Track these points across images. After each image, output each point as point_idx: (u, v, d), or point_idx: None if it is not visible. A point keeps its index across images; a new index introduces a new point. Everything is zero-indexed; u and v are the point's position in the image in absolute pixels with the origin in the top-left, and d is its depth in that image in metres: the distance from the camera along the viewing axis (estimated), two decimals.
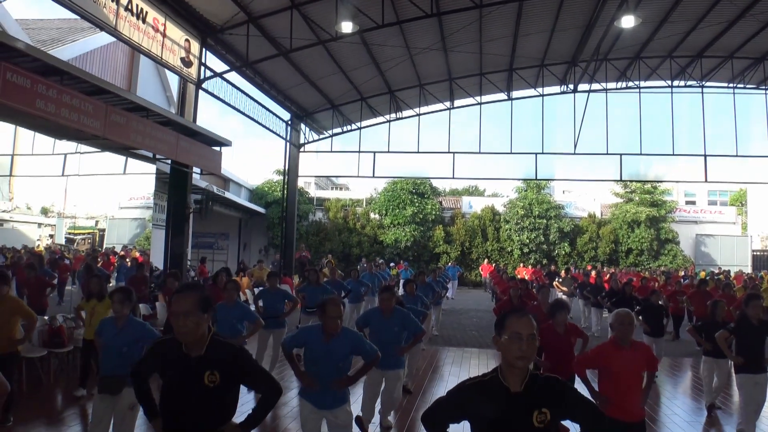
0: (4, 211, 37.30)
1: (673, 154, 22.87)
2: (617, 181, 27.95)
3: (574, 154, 22.97)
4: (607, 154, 22.98)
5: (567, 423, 3.23)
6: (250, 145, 63.96)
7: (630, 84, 22.78)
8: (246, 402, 3.55)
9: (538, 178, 25.72)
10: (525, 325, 2.79)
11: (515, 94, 23.60)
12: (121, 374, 5.24)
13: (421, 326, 7.26)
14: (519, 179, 29.19)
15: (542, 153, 23.21)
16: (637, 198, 31.63)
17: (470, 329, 16.20)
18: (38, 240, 37.51)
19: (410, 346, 7.18)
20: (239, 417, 3.31)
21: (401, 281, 20.89)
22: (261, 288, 13.97)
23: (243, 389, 3.50)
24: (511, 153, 23.42)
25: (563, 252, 30.77)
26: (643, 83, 22.95)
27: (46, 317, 9.50)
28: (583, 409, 2.92)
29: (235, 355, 3.22)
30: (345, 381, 4.89)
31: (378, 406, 7.18)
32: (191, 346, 3.15)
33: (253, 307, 9.93)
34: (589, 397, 4.36)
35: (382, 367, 6.08)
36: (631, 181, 29.00)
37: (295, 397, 7.58)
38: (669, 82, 22.81)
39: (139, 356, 5.33)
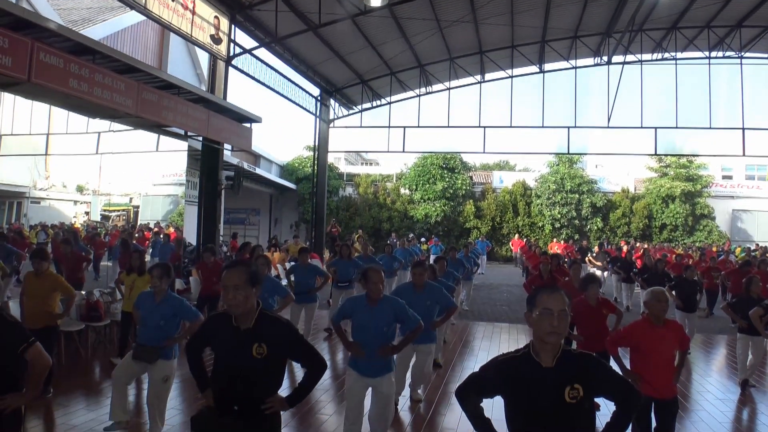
0: (41, 189, 38.15)
1: (710, 128, 22.26)
2: (652, 155, 27.42)
3: (608, 127, 22.51)
4: (642, 127, 22.48)
5: (600, 400, 3.21)
6: (280, 121, 64.09)
7: (666, 55, 22.17)
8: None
9: (570, 152, 25.36)
10: (556, 300, 2.80)
11: (547, 66, 23.16)
12: (156, 345, 5.44)
13: (453, 301, 7.32)
14: (551, 153, 28.75)
15: (575, 127, 22.83)
16: (672, 172, 30.99)
17: (501, 304, 16.18)
18: (74, 217, 38.34)
19: (443, 321, 7.28)
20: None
21: (431, 256, 20.98)
22: (294, 263, 14.10)
23: None
24: (542, 127, 23.09)
25: (595, 227, 30.41)
26: (679, 54, 22.30)
27: (83, 292, 9.73)
28: (617, 386, 2.91)
29: (282, 329, 3.33)
30: (390, 349, 5.12)
31: (408, 379, 7.30)
32: (241, 319, 3.25)
33: (284, 282, 10.03)
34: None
35: (414, 342, 6.13)
36: (666, 155, 28.42)
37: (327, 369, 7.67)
38: (707, 53, 22.13)
39: (175, 330, 5.57)
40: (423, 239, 27.74)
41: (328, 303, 12.82)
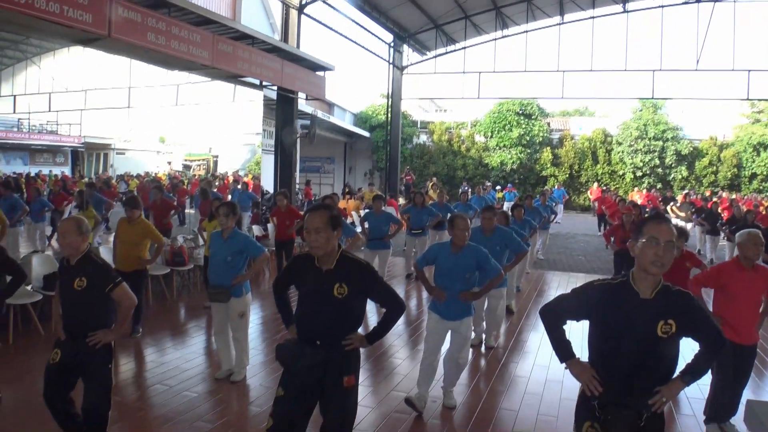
0: (125, 141, 39.75)
1: None
2: (743, 99, 25.72)
3: (696, 70, 21.23)
4: (733, 70, 21.03)
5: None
6: (353, 69, 63.90)
7: None
8: None
9: (654, 97, 24.08)
10: (664, 231, 2.74)
11: (631, 6, 21.92)
12: (226, 285, 5.74)
13: (522, 245, 7.33)
14: (634, 98, 27.42)
15: (660, 70, 21.63)
16: (765, 119, 29.02)
17: (577, 254, 15.88)
18: (157, 167, 39.87)
19: (512, 265, 7.40)
20: None
21: (505, 204, 20.75)
22: (368, 210, 14.21)
23: None
24: (625, 70, 21.99)
25: (680, 176, 29.08)
26: None
27: (168, 239, 10.17)
28: (708, 329, 2.86)
29: (362, 270, 3.44)
30: (471, 295, 5.28)
31: (483, 326, 7.42)
32: (323, 261, 3.38)
33: (359, 229, 10.17)
34: None
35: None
36: (759, 99, 26.60)
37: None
38: None
39: (242, 267, 5.87)
40: (498, 187, 27.36)
41: (403, 251, 12.89)
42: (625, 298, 2.78)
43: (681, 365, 2.89)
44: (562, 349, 3.04)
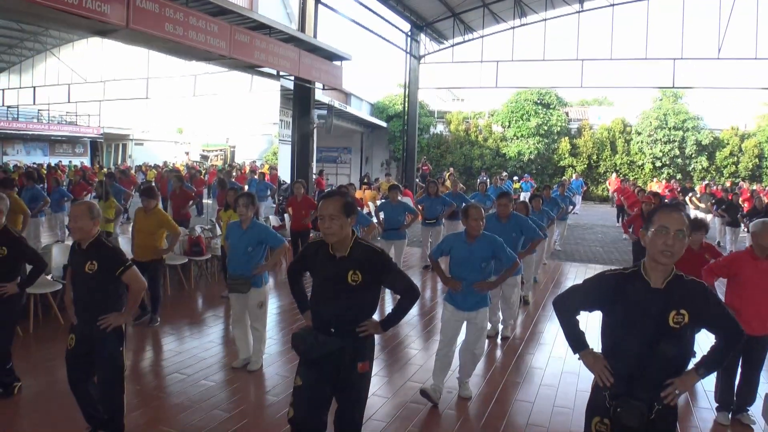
0: (143, 132, 40.08)
1: None
2: (766, 89, 25.26)
3: (718, 59, 20.85)
4: (756, 59, 20.63)
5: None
6: (370, 59, 63.72)
7: None
8: None
9: (675, 86, 23.73)
10: (674, 219, 2.69)
11: None
12: (246, 275, 5.78)
13: (538, 232, 7.30)
14: (654, 87, 27.02)
15: (681, 58, 21.27)
16: None
17: (594, 245, 15.77)
18: (175, 157, 40.18)
19: (527, 252, 7.42)
20: None
21: (522, 194, 20.64)
22: (384, 200, 14.19)
23: None
24: (645, 59, 21.68)
25: (700, 167, 28.72)
26: None
27: (186, 229, 10.24)
28: (723, 321, 2.81)
29: (376, 257, 3.41)
30: (487, 285, 5.27)
31: (499, 317, 7.38)
32: (337, 247, 3.37)
33: (375, 219, 10.17)
34: None
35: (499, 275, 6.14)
36: None
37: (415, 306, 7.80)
38: None
39: (262, 258, 5.92)
40: (515, 177, 27.23)
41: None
42: (637, 287, 2.75)
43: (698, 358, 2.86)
44: (575, 340, 3.02)
